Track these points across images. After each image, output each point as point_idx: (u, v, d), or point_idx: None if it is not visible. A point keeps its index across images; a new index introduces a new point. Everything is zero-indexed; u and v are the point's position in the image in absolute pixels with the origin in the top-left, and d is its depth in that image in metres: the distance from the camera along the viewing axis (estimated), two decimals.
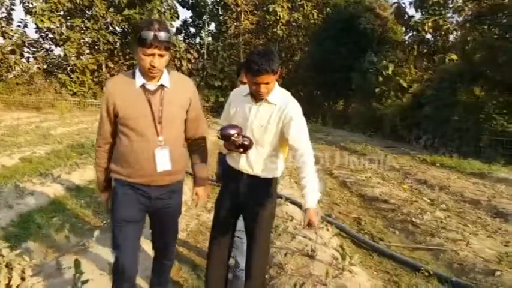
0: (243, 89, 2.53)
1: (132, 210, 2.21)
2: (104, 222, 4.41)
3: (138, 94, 2.10)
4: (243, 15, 26.95)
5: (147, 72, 2.05)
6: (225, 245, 2.64)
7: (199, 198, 2.49)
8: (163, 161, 2.14)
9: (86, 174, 6.37)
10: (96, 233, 3.53)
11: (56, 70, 24.75)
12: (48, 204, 4.94)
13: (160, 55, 2.01)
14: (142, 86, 2.11)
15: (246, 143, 2.33)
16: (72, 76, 23.97)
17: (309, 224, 2.16)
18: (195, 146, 2.43)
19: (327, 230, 4.35)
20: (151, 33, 1.95)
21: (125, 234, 2.21)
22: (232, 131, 2.33)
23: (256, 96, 2.38)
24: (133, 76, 2.13)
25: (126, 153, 2.14)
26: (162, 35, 1.97)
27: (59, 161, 7.39)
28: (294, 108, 2.38)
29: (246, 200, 2.49)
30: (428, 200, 6.10)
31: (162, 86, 2.13)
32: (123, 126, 2.12)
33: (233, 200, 2.53)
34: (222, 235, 2.62)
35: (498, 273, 3.47)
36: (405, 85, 16.91)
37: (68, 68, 24.48)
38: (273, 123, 2.37)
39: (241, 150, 2.35)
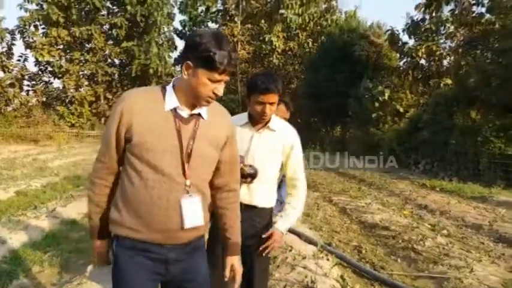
0: (239, 118, 2.51)
1: (141, 284, 1.61)
2: None
3: (165, 119, 1.55)
4: (239, 45, 27.38)
5: (203, 100, 1.56)
6: (221, 285, 2.54)
7: (237, 273, 1.84)
8: (193, 214, 1.59)
9: (81, 207, 6.28)
10: (89, 268, 3.44)
11: (54, 102, 24.96)
12: (42, 238, 4.84)
13: (225, 81, 1.56)
14: (174, 110, 1.58)
15: (252, 171, 2.29)
16: (70, 108, 24.16)
17: (271, 245, 2.29)
18: (226, 200, 1.81)
19: (327, 259, 4.25)
20: (227, 56, 1.49)
21: None
22: None
23: (258, 119, 2.35)
24: (163, 94, 1.59)
25: (137, 197, 1.55)
26: (235, 56, 1.54)
27: (55, 194, 7.32)
28: (294, 136, 2.42)
29: (243, 233, 2.42)
30: (429, 226, 6.00)
31: (198, 115, 1.62)
32: (136, 158, 1.54)
33: None
34: (218, 272, 2.52)
35: None
36: (401, 110, 17.03)
37: (67, 100, 24.71)
38: (276, 150, 2.36)
39: (249, 179, 2.31)
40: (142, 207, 1.54)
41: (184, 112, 1.59)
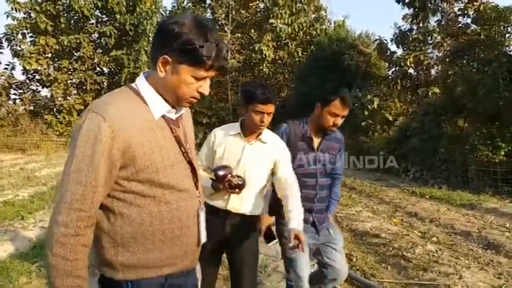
0: (229, 128, 2.52)
1: None
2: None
3: (160, 128, 1.31)
4: (229, 54, 27.51)
5: (185, 101, 1.33)
6: (211, 280, 2.56)
7: None
8: (203, 228, 1.42)
9: None
10: None
11: (42, 111, 24.70)
12: (29, 249, 4.76)
13: (210, 78, 1.33)
14: (163, 115, 1.34)
15: (240, 182, 2.32)
16: (58, 116, 23.92)
17: (298, 240, 2.11)
18: None
19: None
20: (215, 48, 1.24)
21: None
22: (225, 172, 2.31)
23: (254, 129, 2.40)
24: (139, 96, 1.31)
25: (161, 227, 1.29)
26: (224, 47, 1.28)
27: (43, 204, 7.21)
28: (283, 146, 2.51)
29: (231, 240, 2.44)
30: (419, 233, 6.04)
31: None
32: (140, 183, 1.26)
33: (217, 242, 2.41)
34: (206, 283, 2.52)
35: None
36: (391, 118, 17.20)
37: (55, 109, 24.48)
38: (266, 161, 2.42)
39: (237, 190, 2.33)
40: (170, 235, 1.30)
41: (172, 114, 1.37)
